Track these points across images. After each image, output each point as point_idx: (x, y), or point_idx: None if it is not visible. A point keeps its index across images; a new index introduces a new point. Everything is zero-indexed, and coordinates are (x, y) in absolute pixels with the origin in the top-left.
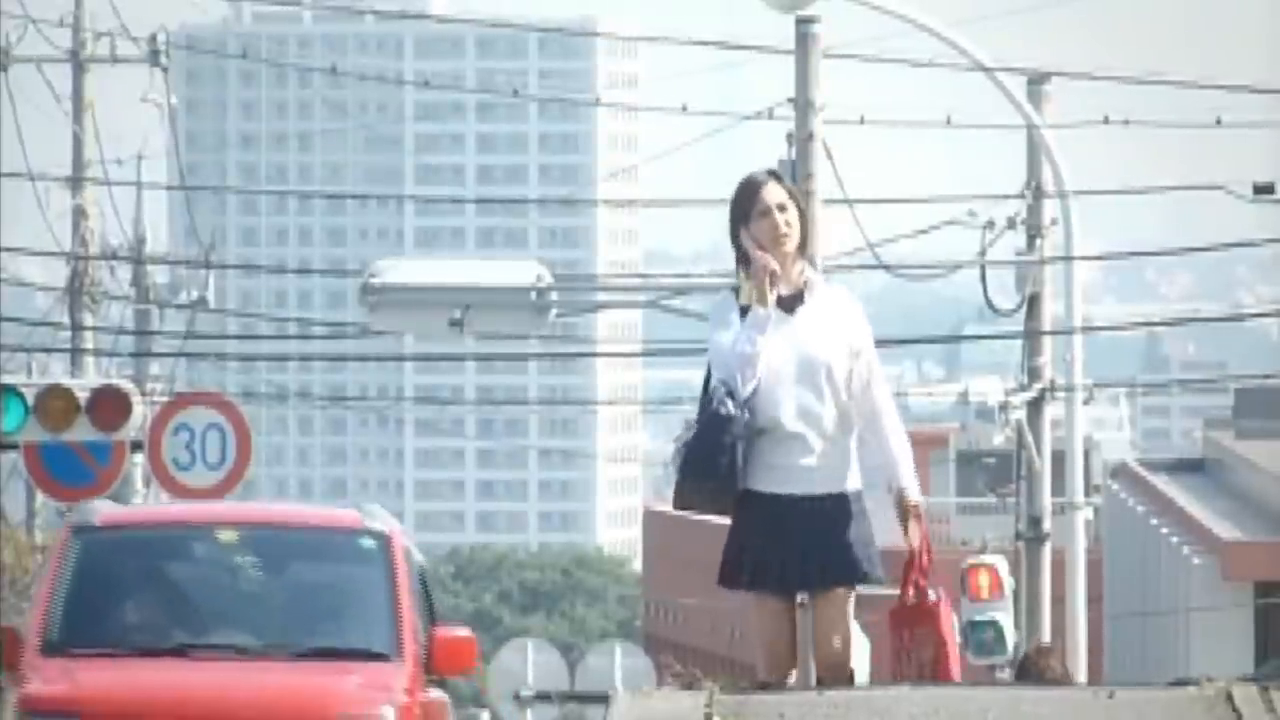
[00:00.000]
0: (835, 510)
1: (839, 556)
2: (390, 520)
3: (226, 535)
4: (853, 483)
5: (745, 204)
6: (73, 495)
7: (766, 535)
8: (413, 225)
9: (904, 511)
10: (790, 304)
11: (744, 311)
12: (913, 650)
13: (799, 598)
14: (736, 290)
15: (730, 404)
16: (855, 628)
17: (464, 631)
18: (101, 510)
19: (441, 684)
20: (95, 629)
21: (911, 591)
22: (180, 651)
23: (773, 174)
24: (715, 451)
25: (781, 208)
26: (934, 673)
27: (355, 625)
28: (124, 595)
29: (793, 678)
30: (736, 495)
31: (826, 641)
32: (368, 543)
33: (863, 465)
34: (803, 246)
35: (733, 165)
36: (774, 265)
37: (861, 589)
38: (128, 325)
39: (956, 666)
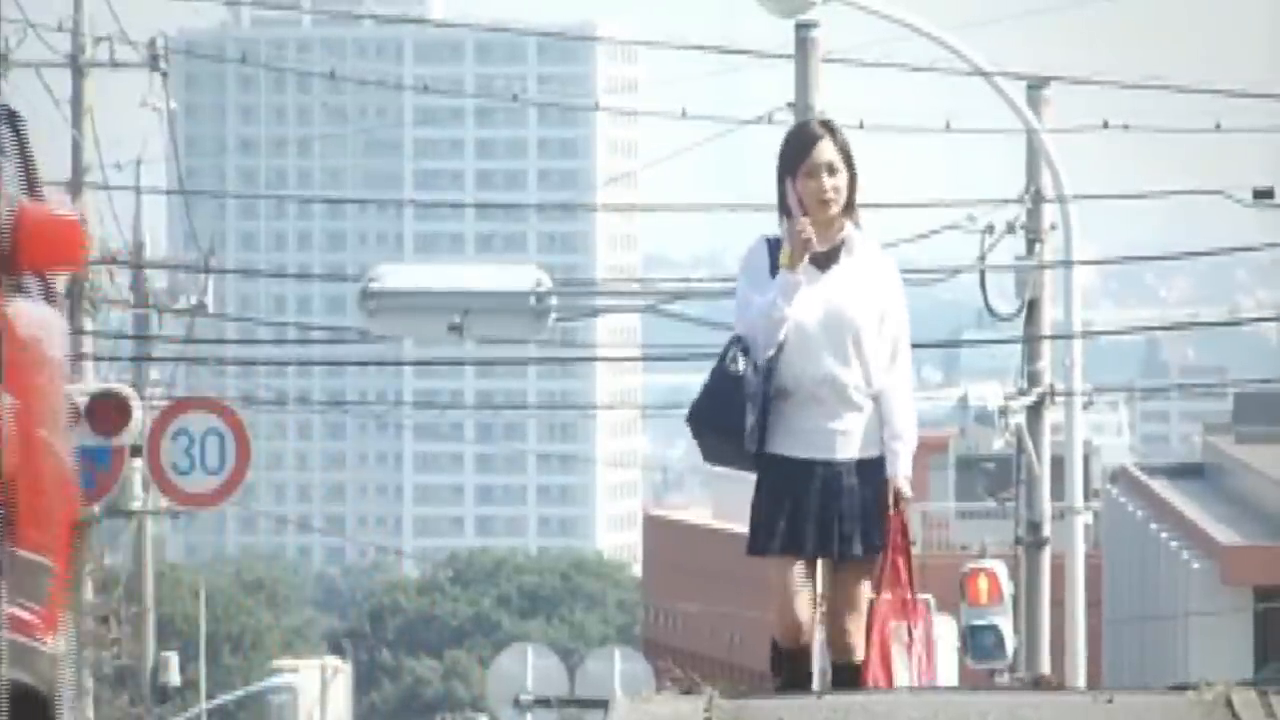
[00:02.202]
0: (858, 477)
1: (860, 526)
2: None
3: None
4: (879, 448)
5: (795, 156)
6: None
7: (788, 501)
8: (412, 230)
9: (895, 501)
10: (825, 261)
11: (776, 268)
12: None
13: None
14: (770, 242)
15: (742, 362)
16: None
17: (66, 209)
18: None
19: (47, 294)
20: None
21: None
22: None
23: (828, 127)
24: (724, 408)
25: (831, 169)
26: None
27: None
28: None
29: (813, 643)
30: (751, 453)
31: (839, 616)
32: None
33: None
34: (849, 207)
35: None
36: (810, 233)
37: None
38: (127, 330)
39: (934, 674)
